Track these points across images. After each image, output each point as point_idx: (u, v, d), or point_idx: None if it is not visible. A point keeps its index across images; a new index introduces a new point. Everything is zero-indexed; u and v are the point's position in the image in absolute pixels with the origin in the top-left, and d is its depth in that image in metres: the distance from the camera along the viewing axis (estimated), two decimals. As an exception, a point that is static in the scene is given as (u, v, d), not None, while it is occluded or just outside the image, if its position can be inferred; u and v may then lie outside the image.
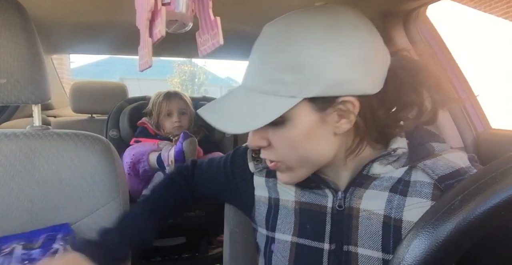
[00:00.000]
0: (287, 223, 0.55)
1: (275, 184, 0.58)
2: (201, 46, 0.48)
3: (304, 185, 0.54)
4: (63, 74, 3.22)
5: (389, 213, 0.48)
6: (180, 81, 14.07)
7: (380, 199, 0.49)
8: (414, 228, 0.28)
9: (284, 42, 0.44)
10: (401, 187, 0.48)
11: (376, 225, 0.49)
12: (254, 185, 0.60)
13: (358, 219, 0.50)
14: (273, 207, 0.57)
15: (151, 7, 0.41)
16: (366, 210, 0.49)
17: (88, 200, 0.68)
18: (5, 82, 0.65)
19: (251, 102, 0.45)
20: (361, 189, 0.50)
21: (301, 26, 0.44)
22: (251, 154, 0.61)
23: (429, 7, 0.93)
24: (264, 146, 0.49)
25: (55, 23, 1.20)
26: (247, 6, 1.04)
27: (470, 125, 0.97)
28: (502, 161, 0.28)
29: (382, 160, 0.49)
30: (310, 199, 0.54)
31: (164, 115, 1.52)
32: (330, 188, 0.52)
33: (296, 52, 0.42)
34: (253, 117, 0.44)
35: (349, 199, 0.50)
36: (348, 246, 0.50)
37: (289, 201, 0.56)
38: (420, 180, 0.48)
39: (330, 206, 0.52)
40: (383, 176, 0.49)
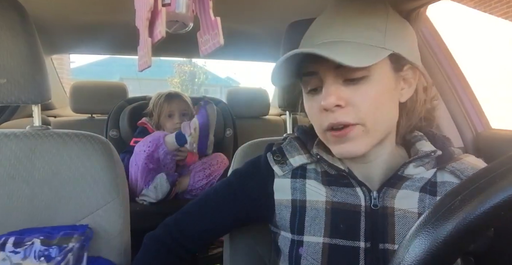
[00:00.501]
0: (316, 225, 0.54)
1: (303, 185, 0.57)
2: (202, 46, 0.48)
3: (334, 183, 0.55)
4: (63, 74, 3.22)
5: (423, 211, 0.50)
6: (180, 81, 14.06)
7: (412, 198, 0.51)
8: (414, 228, 0.28)
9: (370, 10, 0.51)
10: (429, 188, 0.52)
11: (412, 223, 0.50)
12: (273, 190, 0.59)
13: (394, 217, 0.51)
14: (298, 209, 0.56)
15: (150, 7, 0.41)
16: (401, 209, 0.51)
17: (88, 200, 0.68)
18: (5, 82, 0.65)
19: (355, 48, 0.48)
20: (394, 189, 0.52)
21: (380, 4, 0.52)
22: (272, 157, 0.60)
23: (429, 7, 0.93)
24: (343, 105, 0.48)
25: (55, 23, 1.20)
26: (247, 6, 1.04)
27: (470, 125, 0.97)
28: (502, 161, 0.28)
29: (418, 161, 0.52)
30: (342, 198, 0.53)
31: (165, 116, 1.52)
32: (361, 186, 0.53)
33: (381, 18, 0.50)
34: (363, 57, 0.46)
35: (383, 199, 0.52)
36: (384, 244, 0.50)
37: (319, 202, 0.55)
38: (448, 181, 0.52)
39: (364, 205, 0.52)
40: (414, 177, 0.51)
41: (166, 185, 1.33)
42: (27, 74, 0.66)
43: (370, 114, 0.48)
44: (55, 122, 1.75)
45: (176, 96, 1.54)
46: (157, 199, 1.32)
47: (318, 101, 0.50)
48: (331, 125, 0.49)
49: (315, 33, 0.53)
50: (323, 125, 0.51)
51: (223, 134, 1.68)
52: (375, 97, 0.48)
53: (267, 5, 1.03)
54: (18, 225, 0.65)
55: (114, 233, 0.68)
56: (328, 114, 0.49)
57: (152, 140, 1.33)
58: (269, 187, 0.59)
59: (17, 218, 0.65)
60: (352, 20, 0.50)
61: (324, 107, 0.48)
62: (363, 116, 0.48)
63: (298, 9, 1.02)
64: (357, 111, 0.48)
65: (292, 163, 0.58)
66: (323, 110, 0.49)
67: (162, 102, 1.51)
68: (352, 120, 0.48)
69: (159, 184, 1.32)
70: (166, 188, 1.33)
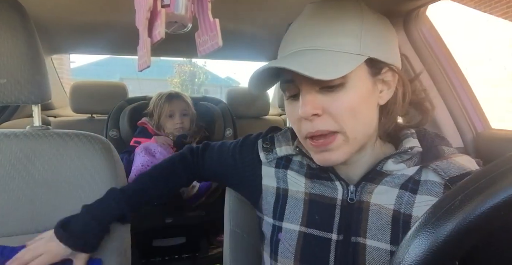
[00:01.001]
0: (295, 213, 0.56)
1: (285, 175, 0.60)
2: (200, 47, 0.48)
3: (315, 176, 0.56)
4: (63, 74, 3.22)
5: (398, 208, 0.50)
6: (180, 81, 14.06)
7: (391, 194, 0.51)
8: (414, 228, 0.28)
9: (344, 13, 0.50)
10: (411, 185, 0.51)
11: (386, 218, 0.50)
12: (262, 174, 0.62)
13: (368, 212, 0.52)
14: (281, 197, 0.59)
15: (150, 7, 0.41)
16: (377, 204, 0.51)
17: (88, 200, 0.68)
18: (5, 82, 0.65)
19: (325, 58, 0.47)
20: (372, 185, 0.52)
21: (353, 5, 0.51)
22: (261, 144, 0.63)
23: (429, 7, 0.93)
24: (320, 114, 0.48)
25: (55, 23, 1.20)
26: (247, 6, 1.04)
27: (470, 125, 0.97)
28: (502, 161, 0.28)
29: (396, 157, 0.52)
30: (320, 191, 0.55)
31: (165, 116, 1.52)
32: (341, 180, 0.54)
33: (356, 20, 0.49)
34: (336, 66, 0.46)
35: (360, 193, 0.53)
36: (356, 237, 0.52)
37: (299, 192, 0.57)
38: (430, 180, 0.51)
39: (340, 199, 0.53)
40: (395, 173, 0.52)
41: None
42: (27, 74, 0.66)
43: (349, 121, 0.48)
44: (55, 122, 1.75)
45: (177, 97, 1.54)
46: None
47: (296, 108, 0.50)
48: (309, 134, 0.50)
49: (289, 41, 0.52)
50: (302, 133, 0.51)
51: (223, 134, 1.68)
52: (353, 104, 0.48)
53: (267, 5, 1.03)
54: (18, 225, 0.65)
55: (114, 233, 0.68)
56: (306, 123, 0.49)
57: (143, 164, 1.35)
58: (258, 170, 0.63)
59: (17, 218, 0.65)
60: (326, 26, 0.49)
61: (301, 116, 0.49)
62: (342, 123, 0.48)
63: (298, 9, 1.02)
64: (335, 119, 0.48)
65: (278, 152, 0.61)
66: (301, 118, 0.50)
67: (163, 103, 1.51)
68: (331, 128, 0.48)
69: None
70: None
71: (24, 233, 0.65)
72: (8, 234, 0.64)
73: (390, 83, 0.52)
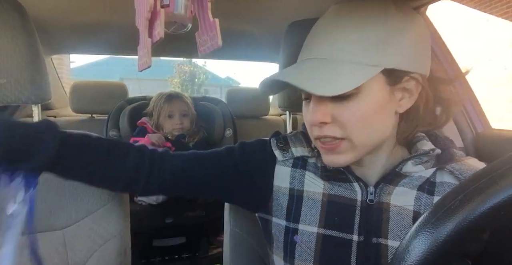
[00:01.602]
0: (312, 215, 0.55)
1: (302, 176, 0.58)
2: (201, 47, 0.48)
3: (332, 178, 0.55)
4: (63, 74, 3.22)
5: (418, 209, 0.51)
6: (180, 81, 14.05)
7: (409, 196, 0.51)
8: (414, 228, 0.28)
9: (366, 18, 0.48)
10: (427, 187, 0.51)
11: (407, 219, 0.50)
12: (274, 174, 0.59)
13: (389, 213, 0.51)
14: (296, 198, 0.57)
15: (150, 7, 0.41)
16: (397, 205, 0.51)
17: (88, 200, 0.68)
18: (5, 82, 0.65)
19: (334, 70, 0.46)
20: (391, 186, 0.52)
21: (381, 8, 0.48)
22: (275, 142, 0.61)
23: (429, 7, 0.93)
24: (328, 122, 0.48)
25: (55, 23, 1.20)
26: (247, 6, 1.04)
27: (470, 125, 0.97)
28: (502, 161, 0.28)
29: (416, 159, 0.52)
30: (339, 192, 0.54)
31: (164, 116, 1.52)
32: (359, 181, 0.53)
33: (379, 29, 0.47)
34: (340, 82, 0.45)
35: (379, 194, 0.52)
36: (377, 239, 0.51)
37: (316, 193, 0.56)
38: (447, 181, 0.51)
39: (360, 200, 0.53)
40: (413, 175, 0.52)
41: None
42: (27, 74, 0.66)
43: (357, 130, 0.48)
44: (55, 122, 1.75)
45: (177, 97, 1.55)
46: (157, 201, 1.32)
47: (308, 112, 0.51)
48: (318, 137, 0.51)
49: (306, 45, 0.52)
50: (312, 134, 0.52)
51: (223, 134, 1.68)
52: (364, 115, 0.47)
53: (267, 5, 1.03)
54: (18, 225, 0.65)
55: (114, 233, 0.68)
56: (315, 127, 0.50)
57: None
58: (269, 171, 0.60)
59: (17, 218, 0.65)
60: (342, 33, 0.48)
61: (310, 123, 0.50)
62: (350, 132, 0.48)
63: (298, 9, 1.02)
64: (344, 127, 0.48)
65: (294, 152, 0.59)
66: None
67: (162, 103, 1.51)
68: (338, 135, 0.49)
69: None
70: None
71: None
72: (8, 234, 0.65)
73: (412, 91, 0.50)
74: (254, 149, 0.62)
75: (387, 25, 0.47)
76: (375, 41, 0.46)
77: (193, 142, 1.54)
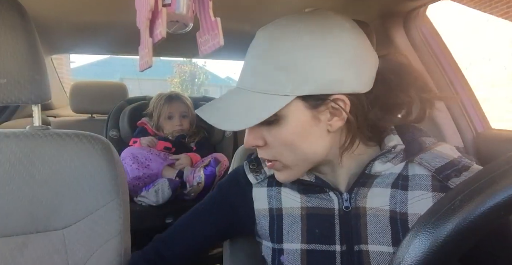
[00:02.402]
0: (293, 232, 0.55)
1: (278, 193, 0.58)
2: (202, 47, 0.48)
3: (308, 191, 0.55)
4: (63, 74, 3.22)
5: (394, 208, 0.50)
6: (180, 81, 14.05)
7: (384, 195, 0.51)
8: (414, 228, 0.28)
9: (276, 44, 0.46)
10: (401, 182, 0.51)
11: (384, 221, 0.50)
12: (253, 199, 0.60)
13: (366, 217, 0.51)
14: (276, 217, 0.57)
15: (151, 7, 0.41)
16: (373, 208, 0.51)
17: (88, 200, 0.68)
18: (5, 82, 0.65)
19: (247, 101, 0.47)
20: (365, 189, 0.52)
21: (292, 30, 0.46)
22: (248, 166, 0.61)
23: (429, 7, 0.93)
24: (260, 145, 0.50)
25: (55, 23, 1.20)
26: (247, 6, 1.04)
27: (470, 125, 0.97)
28: (502, 161, 0.28)
29: (382, 158, 0.51)
30: (317, 203, 0.54)
31: (164, 117, 1.52)
32: (334, 190, 0.53)
33: (288, 54, 0.45)
34: (249, 115, 0.46)
35: (354, 199, 0.52)
36: (359, 246, 0.51)
37: (294, 208, 0.55)
38: (418, 174, 0.51)
39: (337, 208, 0.53)
40: (384, 173, 0.51)
41: (168, 191, 1.32)
42: (27, 74, 0.66)
43: (284, 153, 0.49)
44: (55, 122, 1.75)
45: (177, 98, 1.54)
46: (157, 203, 1.31)
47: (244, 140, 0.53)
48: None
49: None
50: None
51: (223, 134, 1.68)
52: (287, 138, 0.47)
53: (267, 5, 1.03)
54: (18, 225, 0.65)
55: (114, 233, 0.68)
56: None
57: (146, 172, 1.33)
58: (248, 196, 0.60)
59: (16, 218, 0.65)
60: (255, 61, 0.48)
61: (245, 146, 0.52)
62: (277, 154, 0.50)
63: (298, 9, 1.02)
64: (271, 151, 0.50)
65: (267, 171, 0.60)
66: None
67: (162, 104, 1.51)
68: (269, 157, 0.51)
69: (160, 189, 1.31)
70: (167, 194, 1.32)
71: (24, 233, 0.65)
72: (8, 234, 0.64)
73: (339, 111, 0.47)
74: (229, 185, 0.64)
75: (297, 46, 0.45)
76: (287, 66, 0.45)
77: (194, 143, 1.54)
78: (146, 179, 1.33)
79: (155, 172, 1.35)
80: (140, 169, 1.32)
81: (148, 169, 1.34)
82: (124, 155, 1.34)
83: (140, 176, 1.32)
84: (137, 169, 1.32)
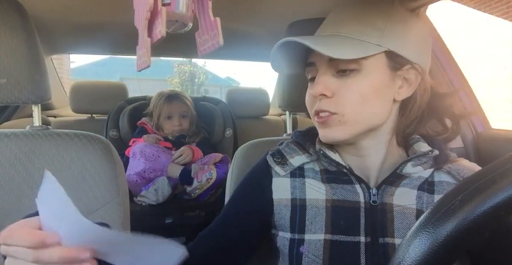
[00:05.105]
0: (317, 223, 0.54)
1: (303, 184, 0.57)
2: (201, 46, 0.48)
3: (333, 180, 0.56)
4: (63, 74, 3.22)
5: (421, 207, 0.52)
6: (180, 81, 14.05)
7: (411, 195, 0.53)
8: (414, 228, 0.28)
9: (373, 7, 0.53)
10: (427, 187, 0.53)
11: (411, 218, 0.52)
12: (272, 190, 0.59)
13: (393, 213, 0.52)
14: (299, 208, 0.56)
15: (150, 7, 0.41)
16: (400, 205, 0.52)
17: (88, 200, 0.68)
18: (5, 82, 0.65)
19: (344, 42, 0.51)
20: (392, 187, 0.53)
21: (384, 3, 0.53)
22: (272, 159, 0.61)
23: (429, 7, 0.93)
24: (328, 96, 0.51)
25: (55, 23, 1.20)
26: (247, 6, 1.04)
27: (470, 125, 0.97)
28: (502, 161, 0.28)
29: (416, 160, 0.54)
30: (342, 196, 0.55)
31: (164, 117, 1.52)
32: (361, 183, 0.54)
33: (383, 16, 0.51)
34: (350, 50, 0.48)
35: (382, 196, 0.53)
36: (384, 238, 0.52)
37: (319, 200, 0.55)
38: (445, 180, 0.54)
39: (363, 201, 0.54)
40: (412, 176, 0.53)
41: (168, 189, 1.32)
42: (27, 74, 0.66)
43: (351, 106, 0.51)
44: (55, 122, 1.75)
45: (176, 98, 1.54)
46: (157, 202, 1.31)
47: (311, 89, 0.54)
48: (315, 111, 0.54)
49: (320, 27, 0.57)
50: (311, 110, 0.55)
51: (223, 134, 1.68)
52: (361, 91, 0.50)
53: (267, 5, 1.03)
54: (18, 225, 0.65)
55: (114, 233, 0.68)
56: (316, 101, 0.53)
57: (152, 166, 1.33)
58: (266, 188, 0.59)
59: (16, 218, 0.65)
60: (354, 17, 0.53)
61: (312, 95, 0.53)
62: (343, 107, 0.51)
63: (298, 9, 1.02)
64: (340, 102, 0.51)
65: (293, 163, 0.59)
66: (313, 97, 0.53)
67: (162, 104, 1.51)
68: (331, 110, 0.51)
69: (160, 188, 1.31)
70: (167, 192, 1.32)
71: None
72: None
73: (411, 80, 0.53)
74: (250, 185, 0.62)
75: (390, 16, 0.52)
76: (379, 26, 0.51)
77: (194, 143, 1.54)
78: (151, 173, 1.33)
79: (160, 167, 1.34)
80: (147, 163, 1.32)
81: (155, 163, 1.34)
82: (135, 150, 1.35)
83: (146, 169, 1.32)
84: (144, 163, 1.32)
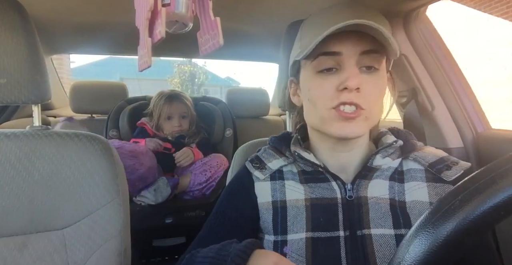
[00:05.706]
0: (298, 222, 0.56)
1: (283, 186, 0.60)
2: (202, 46, 0.48)
3: (311, 180, 0.58)
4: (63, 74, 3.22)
5: (393, 197, 0.55)
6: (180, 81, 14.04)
7: (383, 186, 0.56)
8: (414, 228, 0.28)
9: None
10: (398, 176, 0.57)
11: (385, 208, 0.54)
12: (256, 195, 0.60)
13: (368, 205, 0.55)
14: (280, 209, 0.58)
15: (150, 7, 0.41)
16: (373, 197, 0.55)
17: (88, 200, 0.68)
18: (5, 82, 0.65)
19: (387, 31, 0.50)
20: (366, 181, 0.56)
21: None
22: (251, 165, 0.63)
23: (429, 7, 0.93)
24: (359, 90, 0.52)
25: (55, 23, 1.20)
26: (247, 6, 1.04)
27: (470, 125, 0.97)
28: (502, 161, 0.28)
29: (383, 152, 0.57)
30: (320, 194, 0.57)
31: (164, 118, 1.51)
32: (337, 180, 0.57)
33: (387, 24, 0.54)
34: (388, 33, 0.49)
35: (357, 190, 0.56)
36: (361, 231, 0.53)
37: (299, 200, 0.57)
38: (413, 168, 0.57)
39: (340, 197, 0.56)
40: (383, 167, 0.57)
41: (167, 189, 1.32)
42: (27, 74, 0.66)
43: (374, 103, 0.53)
44: (55, 122, 1.75)
45: (176, 98, 1.54)
46: (156, 202, 1.31)
47: (332, 81, 0.52)
48: (342, 102, 0.51)
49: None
50: (333, 102, 0.52)
51: (223, 134, 1.68)
52: (381, 89, 0.53)
53: (267, 5, 1.03)
54: (18, 225, 0.65)
55: (114, 233, 0.68)
56: (343, 93, 0.51)
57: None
58: (251, 194, 0.61)
59: (16, 218, 0.65)
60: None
61: (348, 87, 0.50)
62: (369, 103, 0.52)
63: (298, 9, 1.02)
64: (367, 98, 0.52)
65: (271, 167, 0.62)
66: (339, 89, 0.51)
67: (162, 104, 1.50)
68: (362, 104, 0.51)
69: (159, 188, 1.31)
70: (166, 192, 1.32)
71: (24, 233, 0.65)
72: (8, 234, 0.65)
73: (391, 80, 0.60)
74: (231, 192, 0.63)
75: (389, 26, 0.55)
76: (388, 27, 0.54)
77: (194, 143, 1.54)
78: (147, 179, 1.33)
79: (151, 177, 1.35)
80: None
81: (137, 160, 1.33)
82: None
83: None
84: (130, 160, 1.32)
